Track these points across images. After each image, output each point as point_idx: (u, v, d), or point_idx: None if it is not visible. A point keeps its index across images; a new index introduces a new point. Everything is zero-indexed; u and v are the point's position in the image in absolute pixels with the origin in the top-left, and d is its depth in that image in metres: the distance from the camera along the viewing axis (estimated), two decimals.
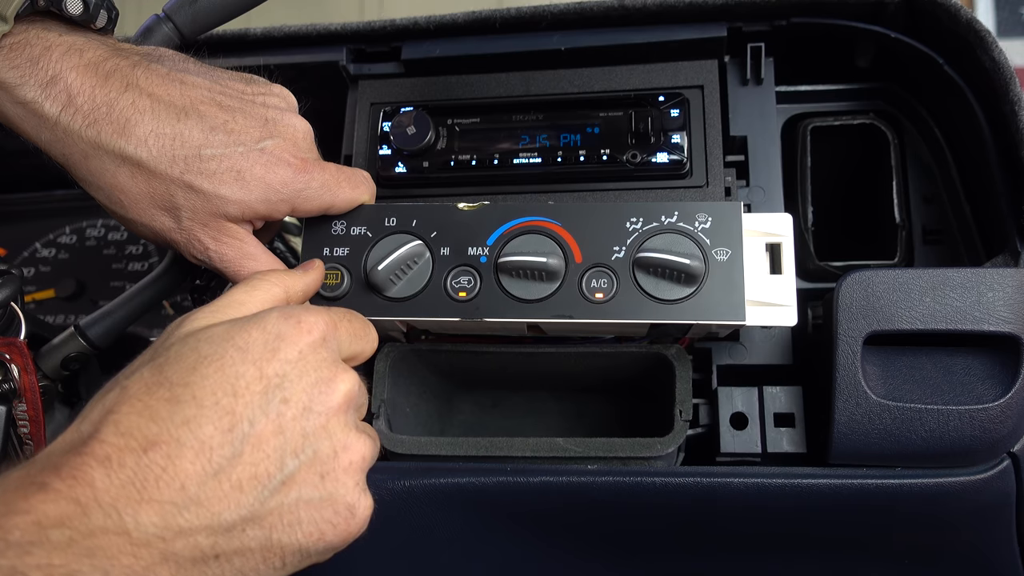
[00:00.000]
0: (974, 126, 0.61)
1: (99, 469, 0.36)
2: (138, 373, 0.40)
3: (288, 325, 0.43)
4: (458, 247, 0.54)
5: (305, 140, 0.53)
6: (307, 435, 0.41)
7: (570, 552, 0.63)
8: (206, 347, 0.41)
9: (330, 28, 0.70)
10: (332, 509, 0.42)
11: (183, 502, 0.37)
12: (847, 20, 0.64)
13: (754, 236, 0.53)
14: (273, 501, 0.40)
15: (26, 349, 0.56)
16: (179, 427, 0.38)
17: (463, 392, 0.72)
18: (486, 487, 0.57)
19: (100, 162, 0.48)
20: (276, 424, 0.40)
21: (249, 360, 0.41)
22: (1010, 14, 1.82)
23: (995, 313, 0.52)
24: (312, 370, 0.43)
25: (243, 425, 0.39)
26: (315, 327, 0.43)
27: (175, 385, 0.39)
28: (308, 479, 0.41)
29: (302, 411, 0.41)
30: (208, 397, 0.39)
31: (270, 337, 0.42)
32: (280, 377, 0.41)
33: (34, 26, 0.48)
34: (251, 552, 0.40)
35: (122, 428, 0.37)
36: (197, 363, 0.40)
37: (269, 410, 0.40)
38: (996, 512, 0.57)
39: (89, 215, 0.90)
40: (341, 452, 0.43)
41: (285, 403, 0.41)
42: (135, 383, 0.40)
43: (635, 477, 0.56)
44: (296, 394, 0.41)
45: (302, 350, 0.42)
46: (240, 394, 0.40)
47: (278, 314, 0.43)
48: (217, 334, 0.42)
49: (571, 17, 0.66)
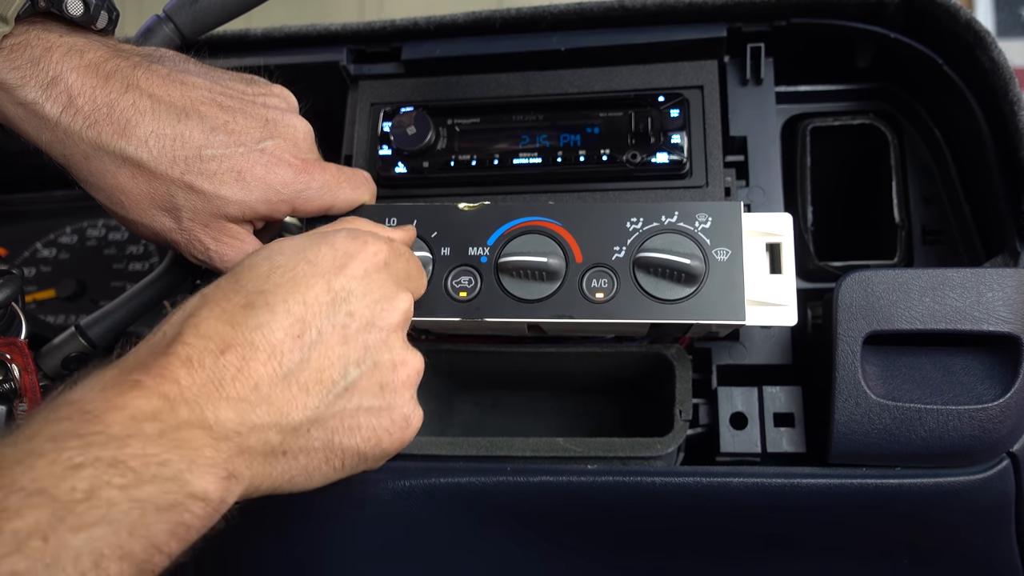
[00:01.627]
0: (973, 126, 0.61)
1: (182, 368, 0.39)
2: (216, 282, 0.43)
3: (356, 244, 0.46)
4: (458, 247, 0.55)
5: (306, 140, 0.53)
6: (369, 347, 0.44)
7: (570, 552, 0.63)
8: (279, 258, 0.44)
9: (330, 28, 0.70)
10: (389, 417, 0.46)
11: (256, 400, 0.40)
12: (847, 20, 0.64)
13: (754, 236, 0.53)
14: (337, 405, 0.43)
15: (27, 349, 0.56)
16: (253, 331, 0.41)
17: (463, 392, 0.72)
18: (486, 487, 0.57)
19: (101, 163, 0.48)
20: (341, 334, 0.43)
21: (319, 273, 0.44)
22: (1010, 14, 1.82)
23: (995, 313, 0.52)
24: (376, 287, 0.45)
25: (311, 333, 0.42)
26: (380, 250, 0.46)
27: (250, 292, 0.42)
28: (369, 388, 0.44)
29: (365, 324, 0.44)
30: (280, 304, 0.42)
31: (339, 253, 0.45)
32: (346, 291, 0.44)
33: (35, 27, 0.48)
34: (315, 451, 0.43)
35: (201, 331, 0.40)
36: (271, 272, 0.43)
37: (336, 321, 0.43)
38: (996, 512, 0.57)
39: (90, 215, 0.90)
40: (400, 366, 0.46)
41: (350, 316, 0.44)
42: (214, 291, 0.43)
43: (635, 477, 0.56)
44: (360, 308, 0.44)
45: (367, 269, 0.45)
46: (309, 304, 0.42)
47: (346, 234, 0.46)
48: (290, 246, 0.45)
49: (571, 17, 0.66)
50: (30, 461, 0.34)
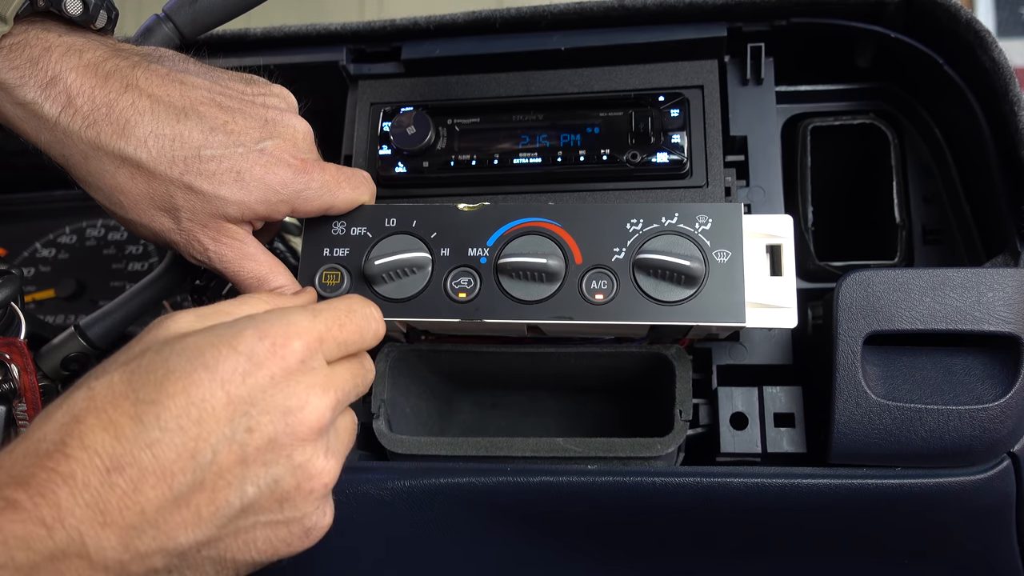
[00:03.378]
0: (974, 126, 0.61)
1: (64, 488, 0.35)
2: (108, 377, 0.39)
3: (262, 347, 0.40)
4: (458, 248, 0.54)
5: (305, 140, 0.53)
6: (269, 465, 0.40)
7: (570, 552, 0.63)
8: (175, 360, 0.39)
9: (330, 28, 0.69)
10: (287, 530, 0.42)
11: (142, 526, 0.36)
12: (847, 20, 0.64)
13: (754, 238, 0.53)
14: (230, 526, 0.40)
15: (26, 349, 0.56)
16: (142, 450, 0.37)
17: (463, 392, 0.72)
18: (486, 487, 0.57)
19: (100, 163, 0.48)
20: (239, 454, 0.39)
21: (216, 382, 0.39)
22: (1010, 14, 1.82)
23: (995, 313, 0.52)
24: (282, 399, 0.40)
25: (206, 453, 0.38)
26: (291, 353, 0.41)
27: (141, 401, 0.38)
28: (267, 505, 0.41)
29: (267, 442, 0.40)
30: (172, 420, 0.38)
31: (241, 359, 0.40)
32: (247, 404, 0.39)
33: (34, 27, 0.48)
34: (203, 567, 0.40)
35: (87, 442, 0.36)
36: (165, 378, 0.39)
37: (233, 439, 0.39)
38: (996, 512, 0.57)
39: (89, 215, 0.90)
40: (304, 481, 0.41)
41: (249, 432, 0.39)
42: (103, 390, 0.38)
43: (635, 477, 0.56)
44: (262, 424, 0.40)
45: (274, 375, 0.40)
46: (205, 420, 0.38)
47: (252, 332, 0.41)
48: (188, 347, 0.40)
49: (571, 17, 0.66)
50: None
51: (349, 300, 0.47)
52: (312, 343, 0.42)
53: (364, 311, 0.47)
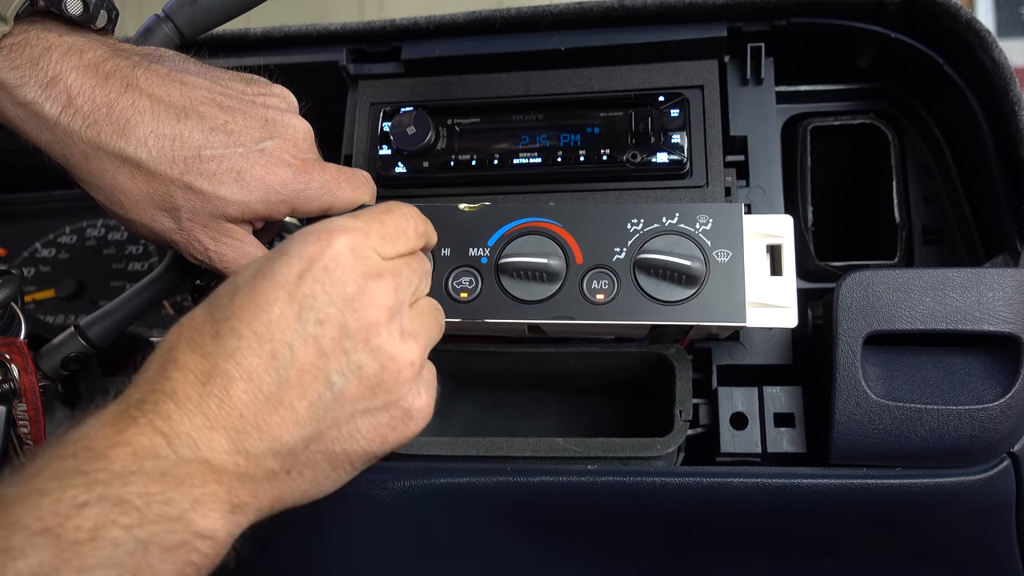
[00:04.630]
0: (974, 126, 0.61)
1: (170, 403, 0.39)
2: (191, 313, 0.43)
3: (309, 244, 0.43)
4: (459, 248, 0.54)
5: (305, 141, 0.53)
6: (348, 352, 0.42)
7: (570, 552, 0.63)
8: (240, 279, 0.43)
9: (330, 28, 0.69)
10: (388, 415, 0.44)
11: (244, 428, 0.40)
12: (847, 20, 0.64)
13: (755, 238, 0.53)
14: (329, 418, 0.42)
15: (26, 349, 0.56)
16: (226, 359, 0.40)
17: (463, 392, 0.72)
18: (486, 487, 0.57)
19: (100, 163, 0.48)
20: (316, 346, 0.41)
21: (278, 285, 0.41)
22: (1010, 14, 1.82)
23: (995, 313, 0.52)
24: (341, 285, 0.42)
25: (284, 351, 0.41)
26: (339, 244, 0.43)
27: (218, 320, 0.41)
28: (359, 392, 0.42)
29: (339, 330, 0.42)
30: (245, 328, 0.41)
31: (294, 259, 0.42)
32: (311, 297, 0.41)
33: (34, 27, 0.48)
34: (319, 464, 0.42)
35: (180, 364, 0.40)
36: (234, 295, 0.42)
37: (306, 333, 0.41)
38: (996, 512, 0.57)
39: (89, 215, 0.90)
40: (387, 363, 0.43)
41: (320, 324, 0.41)
42: (187, 322, 0.42)
43: (635, 477, 0.56)
44: (330, 313, 0.42)
45: (327, 266, 0.42)
46: (275, 322, 0.41)
47: (300, 235, 0.44)
48: (251, 266, 0.43)
49: (571, 17, 0.66)
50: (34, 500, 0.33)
51: (386, 204, 0.49)
52: (357, 236, 0.44)
53: (401, 210, 0.49)
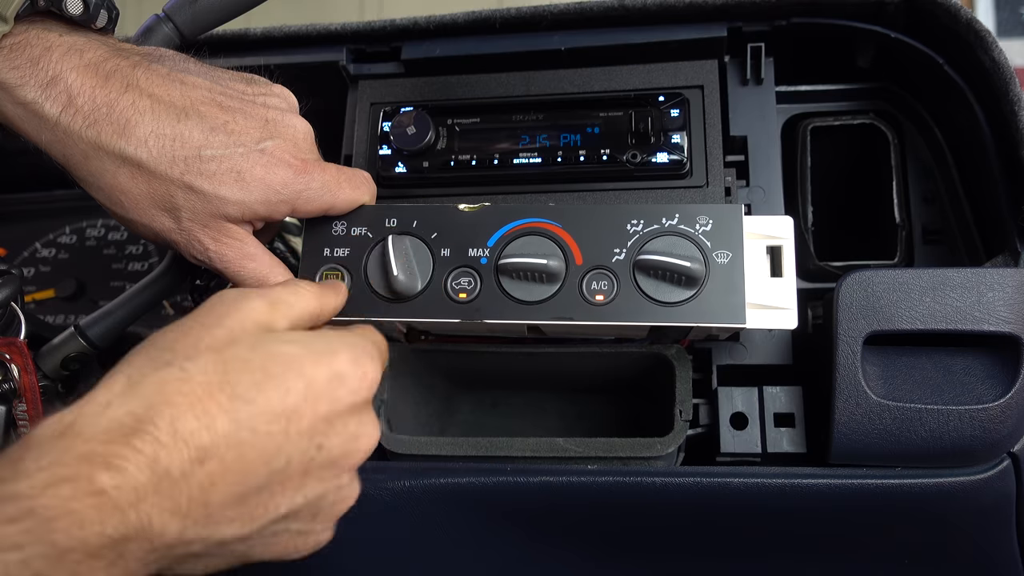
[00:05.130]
0: (974, 126, 0.61)
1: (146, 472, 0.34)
2: (201, 362, 0.39)
3: (355, 374, 0.42)
4: (458, 248, 0.54)
5: (305, 141, 0.53)
6: (323, 481, 0.42)
7: (570, 552, 0.63)
8: (275, 367, 0.40)
9: (330, 28, 0.69)
10: (304, 539, 0.44)
11: (201, 519, 0.37)
12: (847, 20, 0.64)
13: (755, 239, 0.53)
14: (268, 529, 0.41)
15: (26, 349, 0.56)
16: (230, 448, 0.37)
17: (463, 392, 0.72)
18: (486, 487, 0.57)
19: (100, 163, 0.48)
20: (305, 467, 0.41)
21: (310, 397, 0.40)
22: (1010, 14, 1.82)
23: (995, 313, 0.52)
24: (355, 425, 0.43)
25: (281, 460, 0.39)
26: (372, 383, 0.44)
27: (237, 398, 0.38)
28: (303, 516, 0.42)
29: (328, 462, 0.42)
30: (263, 425, 0.38)
31: (335, 380, 0.41)
32: (327, 423, 0.41)
33: (34, 26, 0.48)
34: (225, 557, 0.41)
35: (177, 428, 0.36)
36: (264, 382, 0.39)
37: (306, 452, 0.40)
38: (996, 512, 0.57)
39: (89, 215, 0.90)
40: (338, 503, 0.44)
41: (319, 449, 0.41)
42: (198, 375, 0.38)
43: (635, 477, 0.56)
44: (331, 445, 0.42)
45: (355, 403, 0.42)
46: (290, 431, 0.39)
47: (348, 356, 0.43)
48: (287, 356, 0.41)
49: (571, 17, 0.66)
50: None
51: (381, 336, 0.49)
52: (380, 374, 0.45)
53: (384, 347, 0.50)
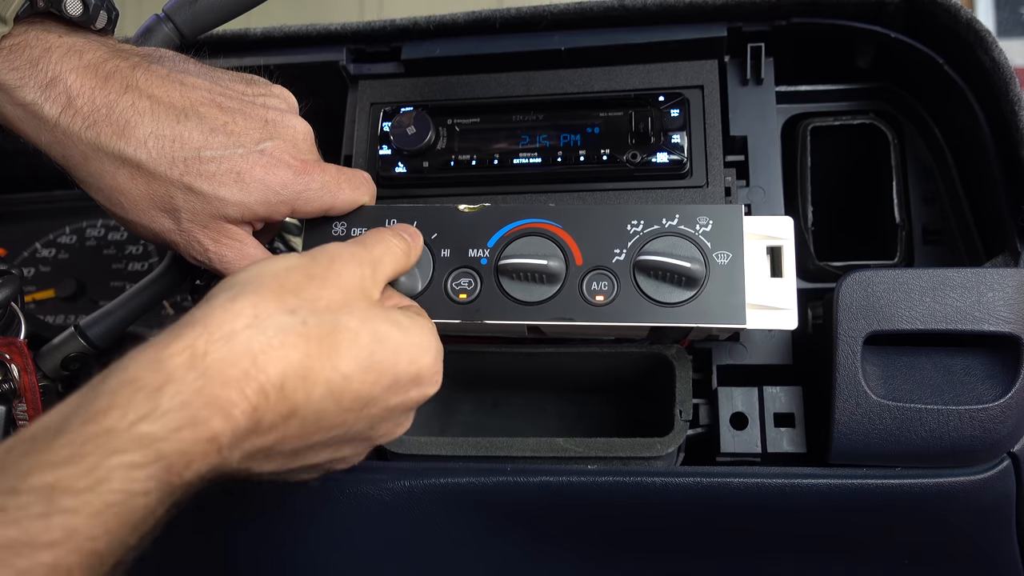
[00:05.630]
0: (974, 126, 0.61)
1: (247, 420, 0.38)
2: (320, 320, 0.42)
3: (431, 376, 0.47)
4: (458, 249, 0.54)
5: (305, 141, 0.53)
6: (356, 446, 0.48)
7: (570, 552, 0.63)
8: (379, 353, 0.44)
9: (330, 28, 0.69)
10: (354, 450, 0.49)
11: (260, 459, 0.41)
12: (847, 20, 0.64)
13: (755, 239, 0.53)
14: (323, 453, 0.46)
15: (26, 349, 0.56)
16: (314, 413, 0.41)
17: (463, 392, 0.72)
18: (486, 487, 0.57)
19: (100, 164, 0.48)
20: (353, 438, 0.46)
21: (391, 392, 0.45)
22: (1010, 14, 1.82)
23: (995, 313, 0.52)
24: (404, 418, 0.49)
25: (340, 431, 0.44)
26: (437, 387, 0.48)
27: (340, 371, 0.42)
28: (323, 463, 0.47)
29: (368, 439, 0.47)
30: (347, 401, 0.43)
31: (417, 376, 0.46)
32: (391, 411, 0.46)
33: (34, 27, 0.48)
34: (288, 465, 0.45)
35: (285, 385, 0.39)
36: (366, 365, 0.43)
37: (362, 431, 0.46)
38: (996, 512, 0.57)
39: (89, 215, 0.90)
40: (352, 457, 0.49)
41: (371, 430, 0.46)
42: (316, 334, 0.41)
43: (635, 477, 0.56)
44: (381, 429, 0.47)
45: (418, 400, 0.47)
46: (364, 412, 0.44)
47: (433, 360, 0.47)
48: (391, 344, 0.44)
49: (571, 17, 0.66)
50: None
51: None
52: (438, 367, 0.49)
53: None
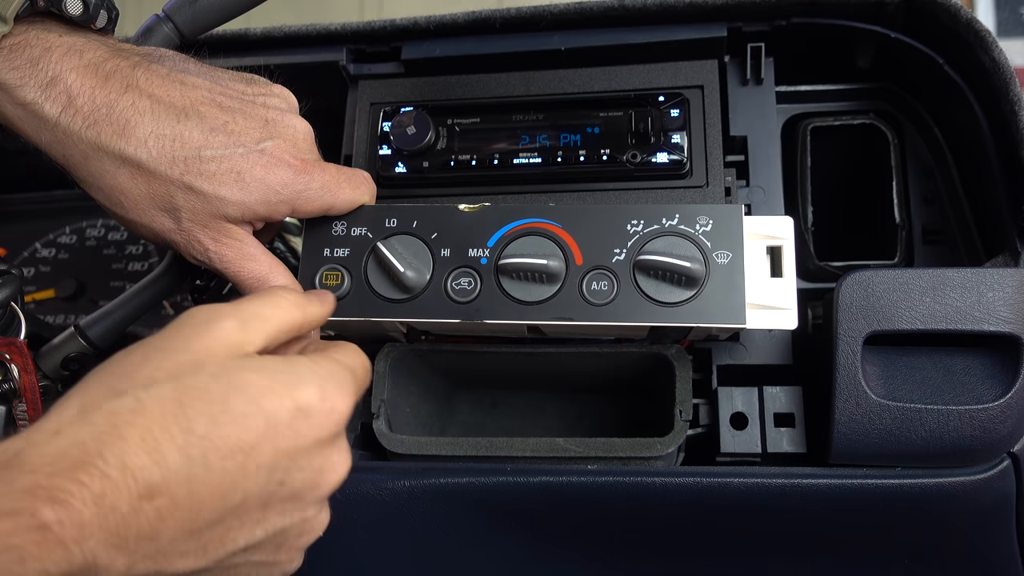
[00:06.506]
0: (974, 126, 0.61)
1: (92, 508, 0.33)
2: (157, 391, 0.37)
3: (322, 408, 0.40)
4: (458, 249, 0.54)
5: (305, 141, 0.53)
6: (285, 515, 0.40)
7: (570, 552, 0.63)
8: (235, 400, 0.38)
9: (330, 28, 0.69)
10: (268, 570, 0.42)
11: (151, 555, 0.35)
12: (847, 20, 0.64)
13: (755, 239, 0.53)
14: (226, 562, 0.39)
15: (26, 349, 0.56)
16: (180, 484, 0.35)
17: (463, 392, 0.72)
18: (486, 487, 0.57)
19: (100, 163, 0.48)
20: (264, 501, 0.39)
21: (271, 435, 0.38)
22: (1010, 14, 1.82)
23: (995, 313, 0.52)
24: (320, 460, 0.41)
25: (237, 496, 0.37)
26: (341, 417, 0.41)
27: (191, 433, 0.36)
28: (266, 548, 0.41)
29: (291, 495, 0.40)
30: (217, 462, 0.36)
31: (299, 415, 0.39)
32: (289, 459, 0.39)
33: (34, 27, 0.48)
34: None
35: (127, 462, 0.34)
36: (221, 416, 0.37)
37: (266, 488, 0.39)
38: (996, 512, 0.57)
39: (89, 215, 0.90)
40: (305, 534, 0.43)
41: (281, 485, 0.39)
42: (153, 406, 0.36)
43: (635, 477, 0.56)
44: (295, 480, 0.40)
45: (320, 438, 0.40)
46: (247, 468, 0.37)
47: (315, 390, 0.40)
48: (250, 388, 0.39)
49: (571, 17, 0.66)
50: None
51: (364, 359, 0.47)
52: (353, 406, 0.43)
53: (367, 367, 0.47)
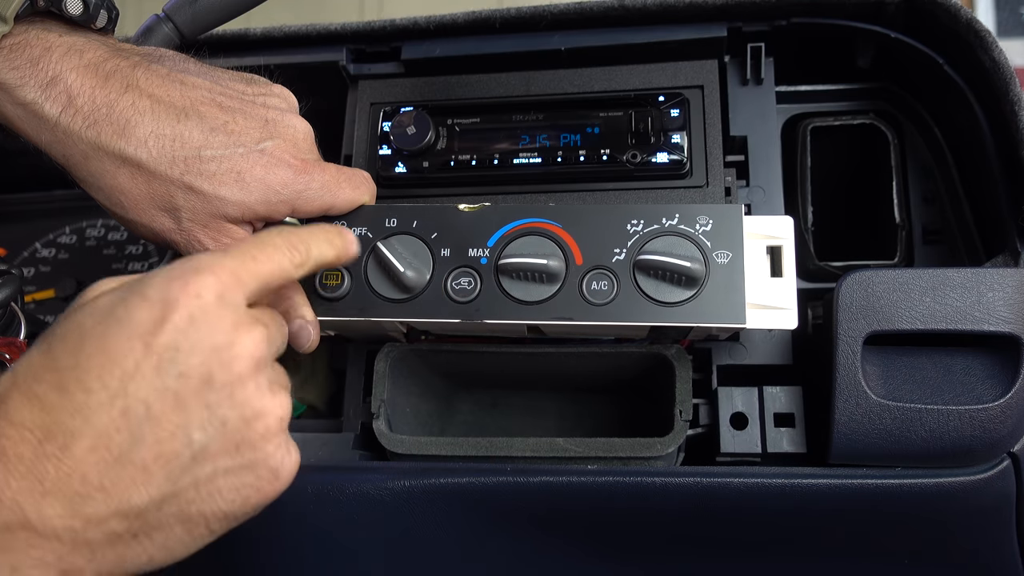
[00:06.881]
0: (974, 126, 0.61)
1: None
2: (27, 355, 0.38)
3: (173, 288, 0.38)
4: (458, 248, 0.54)
5: (305, 141, 0.53)
6: (211, 407, 0.38)
7: (570, 552, 0.63)
8: (89, 321, 0.37)
9: (330, 28, 0.69)
10: (254, 475, 0.40)
11: (87, 492, 0.35)
12: (847, 20, 0.64)
13: (755, 239, 0.53)
14: (186, 477, 0.38)
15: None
16: (70, 416, 0.35)
17: (463, 392, 0.72)
18: (486, 487, 0.57)
19: (100, 163, 0.48)
20: (175, 401, 0.37)
21: (134, 334, 0.37)
22: (1010, 14, 1.82)
23: (995, 313, 0.52)
24: (207, 336, 0.38)
25: (138, 407, 0.36)
26: (205, 288, 0.39)
27: (62, 368, 0.36)
28: (221, 450, 0.39)
29: (202, 383, 0.38)
30: (95, 381, 0.36)
31: (155, 305, 0.37)
32: (172, 350, 0.37)
33: (34, 27, 0.48)
34: (171, 527, 0.39)
35: (14, 418, 0.35)
36: (80, 341, 0.37)
37: (166, 387, 0.37)
38: (996, 512, 0.57)
39: (89, 215, 0.90)
40: (253, 420, 0.40)
41: (182, 377, 0.37)
42: (23, 367, 0.37)
43: (635, 477, 0.56)
44: (193, 366, 0.38)
45: (192, 314, 0.38)
46: (129, 374, 0.36)
47: (162, 277, 0.39)
48: (100, 306, 0.38)
49: (571, 17, 0.66)
50: None
51: (261, 233, 0.45)
52: (225, 277, 0.40)
53: (274, 241, 0.44)
